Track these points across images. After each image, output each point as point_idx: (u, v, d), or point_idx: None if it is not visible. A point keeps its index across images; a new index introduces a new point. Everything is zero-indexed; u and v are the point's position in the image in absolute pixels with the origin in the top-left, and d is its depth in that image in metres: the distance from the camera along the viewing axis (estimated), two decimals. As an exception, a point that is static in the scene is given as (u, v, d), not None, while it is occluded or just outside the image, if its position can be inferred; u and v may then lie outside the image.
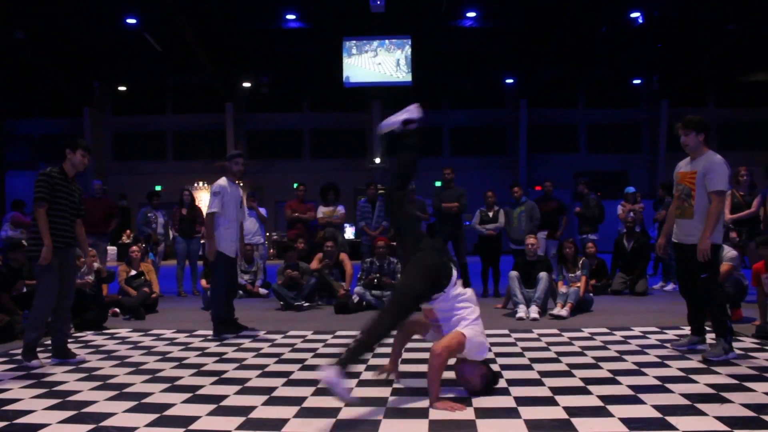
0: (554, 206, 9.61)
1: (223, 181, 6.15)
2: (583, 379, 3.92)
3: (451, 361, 3.70)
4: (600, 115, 23.03)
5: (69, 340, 5.77)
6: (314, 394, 3.73)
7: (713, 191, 4.43)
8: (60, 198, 4.77)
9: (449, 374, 4.15)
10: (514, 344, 5.18)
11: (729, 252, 6.50)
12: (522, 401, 3.47)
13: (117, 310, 7.31)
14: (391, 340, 3.89)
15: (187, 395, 3.74)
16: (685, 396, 3.49)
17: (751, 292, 6.39)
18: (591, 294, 7.43)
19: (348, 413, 3.33)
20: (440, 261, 3.71)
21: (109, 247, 11.59)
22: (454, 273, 3.72)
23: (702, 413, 3.18)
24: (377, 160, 22.08)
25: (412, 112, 4.17)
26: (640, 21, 18.02)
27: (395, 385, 3.89)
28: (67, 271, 4.85)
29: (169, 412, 3.41)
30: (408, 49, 20.37)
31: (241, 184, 6.35)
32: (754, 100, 22.11)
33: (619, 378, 3.94)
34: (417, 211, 8.69)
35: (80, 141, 5.02)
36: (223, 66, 21.16)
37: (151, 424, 3.21)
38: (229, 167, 6.25)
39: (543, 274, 6.86)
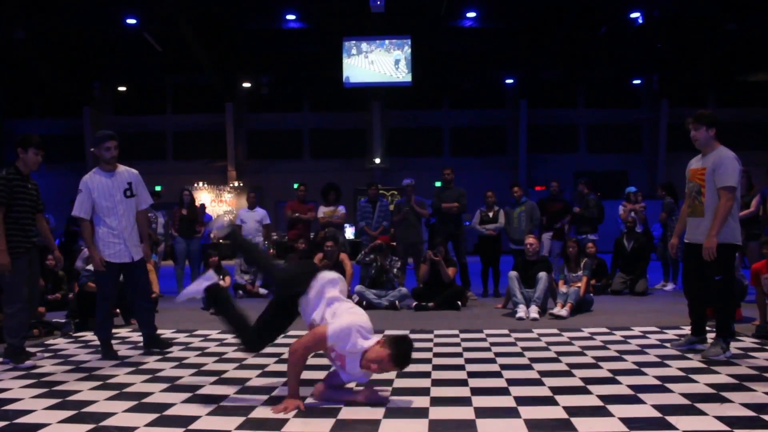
0: (560, 207, 9.62)
1: (88, 174, 4.98)
2: (583, 379, 3.92)
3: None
4: (600, 115, 23.03)
5: (68, 341, 5.79)
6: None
7: (722, 187, 4.34)
8: (20, 198, 4.68)
9: (452, 374, 4.16)
10: (514, 344, 5.17)
11: None
12: (522, 401, 3.47)
13: (117, 310, 7.29)
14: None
15: (187, 395, 3.74)
16: (685, 396, 3.49)
17: (750, 292, 6.39)
18: (591, 294, 7.43)
19: (348, 413, 3.34)
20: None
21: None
22: (317, 277, 3.62)
23: (702, 413, 3.18)
24: (377, 160, 22.09)
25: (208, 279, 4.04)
26: (640, 21, 18.03)
27: (395, 385, 3.89)
28: (33, 272, 4.78)
29: (169, 412, 3.41)
30: (408, 49, 20.37)
31: (128, 170, 5.12)
32: (754, 100, 22.12)
33: (619, 378, 3.93)
34: (417, 207, 8.71)
35: (32, 138, 4.75)
36: (223, 66, 21.17)
37: (151, 424, 3.21)
38: (99, 154, 4.95)
39: (542, 274, 6.87)
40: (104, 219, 4.92)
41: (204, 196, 21.31)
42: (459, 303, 7.48)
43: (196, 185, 20.94)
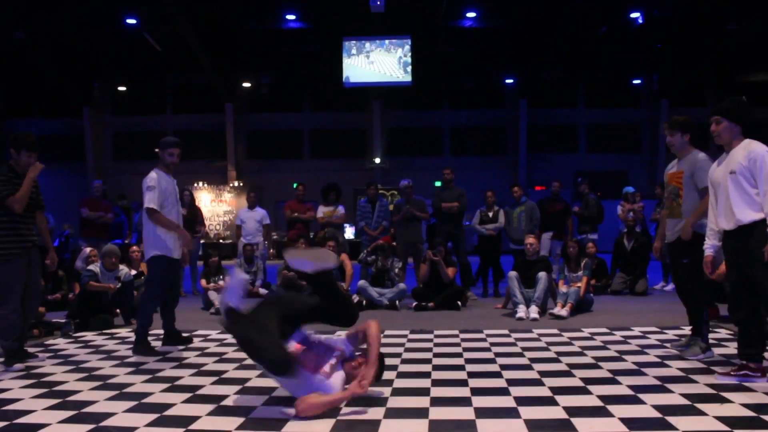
0: (561, 208, 9.63)
1: (154, 173, 5.23)
2: (583, 379, 3.92)
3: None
4: (600, 115, 23.02)
5: (68, 341, 5.79)
6: (314, 394, 3.73)
7: (703, 188, 4.40)
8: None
9: (452, 374, 4.16)
10: (514, 344, 5.18)
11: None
12: (522, 401, 3.47)
13: (117, 310, 7.29)
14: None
15: (187, 395, 3.75)
16: (685, 396, 3.49)
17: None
18: (591, 294, 7.43)
19: (348, 413, 3.34)
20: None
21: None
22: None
23: (702, 413, 3.18)
24: (377, 160, 22.09)
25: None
26: (640, 21, 18.02)
27: (395, 385, 3.89)
28: (32, 271, 4.71)
29: (169, 412, 3.41)
30: (408, 49, 20.36)
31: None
32: (754, 100, 22.09)
33: (619, 378, 3.94)
34: (417, 211, 8.71)
35: (24, 139, 4.65)
36: (223, 66, 21.15)
37: (151, 424, 3.21)
38: (162, 157, 5.30)
39: (542, 274, 6.87)
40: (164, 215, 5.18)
41: (204, 196, 21.32)
42: (459, 303, 7.48)
43: (196, 185, 20.92)
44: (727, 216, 3.89)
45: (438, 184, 10.09)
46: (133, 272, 7.80)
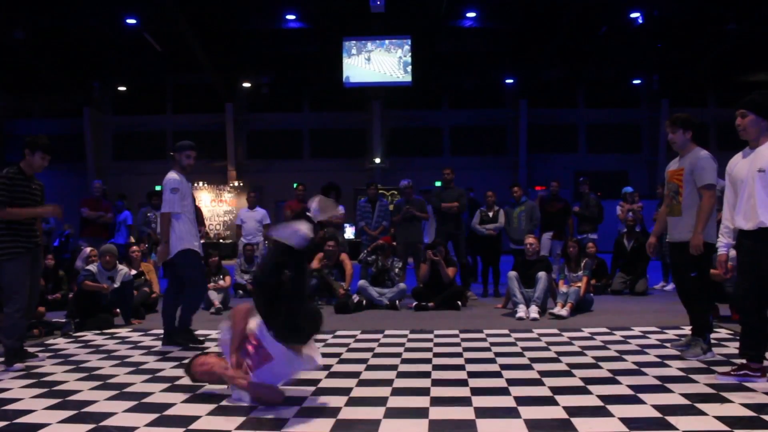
0: (561, 207, 9.63)
1: (175, 175, 5.42)
2: (583, 379, 3.92)
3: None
4: (600, 115, 23.03)
5: (68, 340, 5.79)
6: (314, 393, 3.73)
7: (702, 186, 4.37)
8: (21, 198, 4.62)
9: (452, 374, 4.16)
10: (514, 344, 5.18)
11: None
12: (522, 401, 3.47)
13: (117, 310, 7.29)
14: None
15: (187, 395, 3.75)
16: (685, 396, 3.49)
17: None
18: (591, 294, 7.43)
19: (348, 413, 3.34)
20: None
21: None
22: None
23: (702, 413, 3.18)
24: (377, 160, 22.09)
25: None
26: (640, 21, 18.02)
27: (395, 385, 3.89)
28: (35, 272, 4.75)
29: (169, 412, 3.41)
30: (408, 49, 20.37)
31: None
32: (755, 101, 22.07)
33: (619, 378, 3.93)
34: (416, 211, 8.71)
35: (40, 141, 4.77)
36: (223, 66, 21.16)
37: (151, 424, 3.21)
38: (179, 159, 5.51)
39: (542, 274, 6.87)
40: (188, 216, 5.45)
41: (204, 195, 21.32)
42: (459, 303, 7.49)
43: (196, 185, 20.92)
44: (747, 215, 3.78)
45: (438, 184, 10.07)
46: (133, 272, 7.82)
